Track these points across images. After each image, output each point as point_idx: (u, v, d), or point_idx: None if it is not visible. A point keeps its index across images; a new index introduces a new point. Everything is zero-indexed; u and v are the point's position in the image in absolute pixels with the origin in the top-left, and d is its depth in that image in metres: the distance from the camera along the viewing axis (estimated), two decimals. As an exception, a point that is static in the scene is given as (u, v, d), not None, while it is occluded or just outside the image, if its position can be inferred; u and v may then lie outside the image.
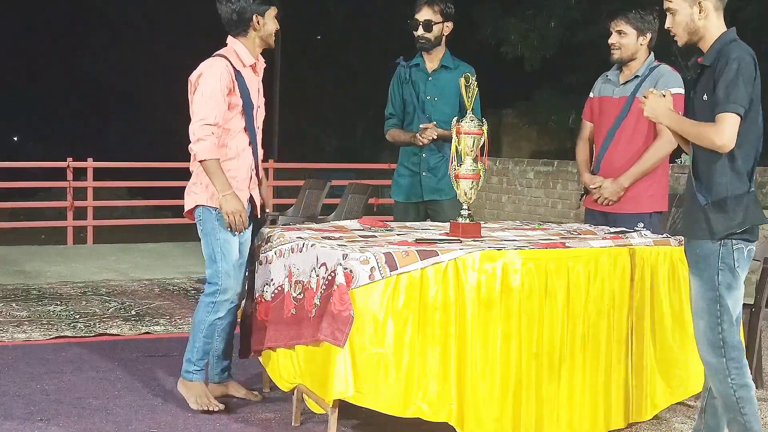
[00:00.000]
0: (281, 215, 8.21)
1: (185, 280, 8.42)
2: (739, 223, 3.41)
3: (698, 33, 3.51)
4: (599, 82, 5.15)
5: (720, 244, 3.43)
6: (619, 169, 4.89)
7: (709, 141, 3.39)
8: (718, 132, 3.36)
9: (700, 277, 3.49)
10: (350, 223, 4.89)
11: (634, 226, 4.69)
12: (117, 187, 16.26)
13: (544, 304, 3.87)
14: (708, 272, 3.46)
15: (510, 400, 3.83)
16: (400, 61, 5.48)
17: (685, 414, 4.50)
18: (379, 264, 3.64)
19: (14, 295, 7.37)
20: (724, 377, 3.46)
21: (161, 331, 6.17)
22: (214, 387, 4.53)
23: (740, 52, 3.39)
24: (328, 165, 18.26)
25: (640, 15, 4.90)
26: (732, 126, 3.35)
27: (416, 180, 5.38)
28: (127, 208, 17.64)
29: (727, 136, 3.35)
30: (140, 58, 25.61)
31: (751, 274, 4.83)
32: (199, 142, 4.20)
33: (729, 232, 3.41)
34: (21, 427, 4.14)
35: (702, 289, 3.48)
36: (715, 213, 3.41)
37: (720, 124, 3.36)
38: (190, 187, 4.42)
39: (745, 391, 3.46)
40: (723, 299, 3.45)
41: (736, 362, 3.46)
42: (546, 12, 14.74)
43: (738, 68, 3.36)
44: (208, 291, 4.40)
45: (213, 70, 4.25)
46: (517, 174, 11.29)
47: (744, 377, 3.47)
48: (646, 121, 4.83)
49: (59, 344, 5.73)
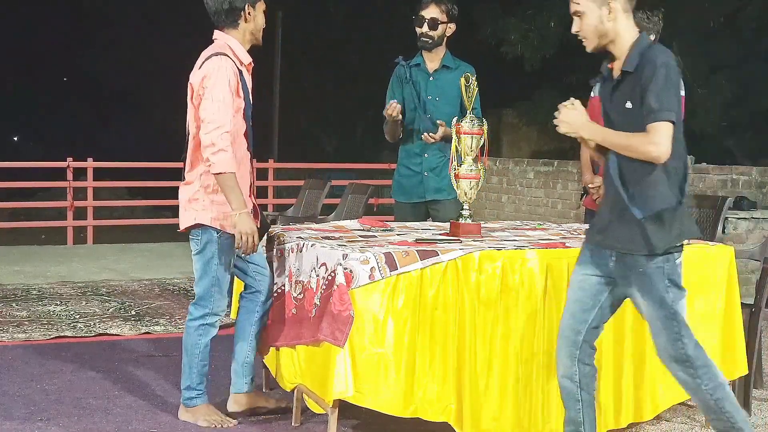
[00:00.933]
0: (281, 215, 8.21)
1: (185, 280, 8.42)
2: (677, 236, 3.26)
3: (608, 36, 3.35)
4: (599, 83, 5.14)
5: (663, 260, 3.26)
6: None
7: (644, 152, 3.19)
8: (653, 142, 3.16)
9: (648, 296, 3.30)
10: (350, 223, 4.90)
11: None
12: (117, 187, 16.27)
13: (544, 304, 3.87)
14: (656, 292, 3.28)
15: (509, 399, 3.83)
16: (400, 61, 5.43)
17: (686, 414, 4.50)
18: (379, 264, 3.64)
19: (14, 295, 7.37)
20: (697, 387, 3.34)
21: (161, 331, 6.16)
22: (241, 398, 4.30)
23: (666, 57, 3.23)
24: (328, 165, 18.26)
25: (647, 16, 4.87)
26: (667, 135, 3.16)
27: (418, 180, 5.36)
28: (127, 208, 17.63)
29: (664, 146, 3.16)
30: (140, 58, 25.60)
31: (751, 274, 4.84)
32: (220, 153, 3.87)
33: (669, 246, 3.25)
34: (21, 427, 4.14)
35: (652, 309, 3.31)
36: (653, 227, 3.22)
37: (654, 134, 3.16)
38: (190, 202, 4.08)
39: (721, 391, 3.32)
40: (677, 315, 3.29)
41: (704, 368, 3.31)
42: (546, 12, 14.73)
43: (667, 74, 3.18)
44: (197, 314, 4.15)
45: (221, 73, 3.94)
46: (517, 174, 11.29)
47: (716, 378, 3.32)
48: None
49: (59, 344, 5.73)
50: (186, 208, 4.09)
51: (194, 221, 4.07)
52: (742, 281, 4.52)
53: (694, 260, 4.22)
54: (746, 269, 6.55)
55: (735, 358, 4.35)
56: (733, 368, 4.36)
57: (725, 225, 7.52)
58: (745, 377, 4.49)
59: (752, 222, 7.70)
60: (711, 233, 4.92)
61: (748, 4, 13.05)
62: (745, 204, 7.74)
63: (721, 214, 4.98)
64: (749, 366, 4.43)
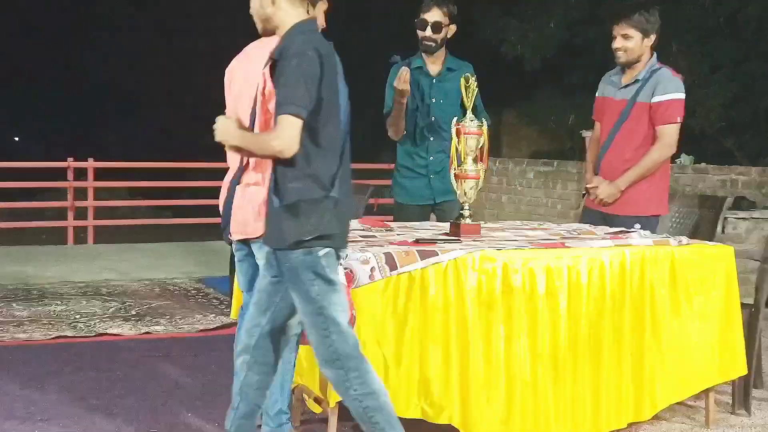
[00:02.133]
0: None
1: (185, 280, 8.42)
2: (311, 230, 3.15)
3: (271, 22, 3.31)
4: (603, 82, 5.16)
5: (304, 253, 3.18)
6: (618, 171, 4.91)
7: (269, 147, 3.10)
8: (277, 137, 3.07)
9: (296, 291, 3.23)
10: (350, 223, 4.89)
11: (631, 227, 4.70)
12: (117, 187, 16.25)
13: (544, 305, 3.88)
14: (301, 286, 3.20)
15: (511, 400, 3.83)
16: (398, 60, 5.35)
17: (685, 414, 4.51)
18: (379, 264, 3.64)
19: (14, 295, 7.37)
20: (346, 390, 3.26)
21: (161, 331, 6.17)
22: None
23: (303, 47, 3.12)
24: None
25: (645, 17, 4.84)
26: (291, 128, 3.06)
27: (424, 183, 5.30)
28: (127, 208, 17.62)
29: (287, 140, 3.06)
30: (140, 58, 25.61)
31: (751, 274, 4.84)
32: None
33: (299, 239, 3.15)
34: (21, 427, 4.15)
35: (301, 304, 3.24)
36: (288, 219, 3.16)
37: (278, 128, 3.07)
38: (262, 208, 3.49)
39: (372, 400, 3.25)
40: (325, 310, 3.21)
41: (354, 371, 3.23)
42: (546, 12, 14.73)
43: (297, 65, 3.08)
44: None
45: None
46: (517, 174, 11.29)
47: (368, 386, 3.24)
48: (645, 125, 4.86)
49: (59, 344, 5.73)
50: (261, 214, 3.51)
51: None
52: (742, 281, 4.52)
53: (693, 260, 4.23)
54: (746, 269, 6.54)
55: (734, 358, 4.36)
56: (733, 368, 4.37)
57: (725, 225, 7.51)
58: (745, 377, 4.49)
59: (752, 222, 7.69)
60: (711, 233, 4.92)
61: (748, 4, 13.04)
62: (744, 204, 7.74)
63: (721, 214, 4.98)
64: (749, 366, 4.43)
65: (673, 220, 5.19)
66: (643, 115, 4.86)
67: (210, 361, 5.37)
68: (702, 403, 4.46)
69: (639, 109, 4.86)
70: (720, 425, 4.38)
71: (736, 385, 4.53)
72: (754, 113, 14.09)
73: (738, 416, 4.51)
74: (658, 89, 4.81)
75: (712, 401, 4.36)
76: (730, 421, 4.44)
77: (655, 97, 4.82)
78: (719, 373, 4.32)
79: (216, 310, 6.92)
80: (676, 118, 4.86)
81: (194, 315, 6.69)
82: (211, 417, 4.30)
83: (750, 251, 4.99)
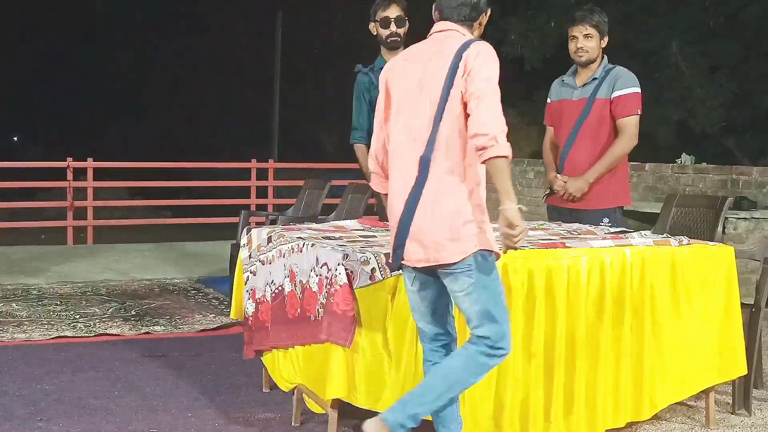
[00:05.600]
0: (281, 215, 8.21)
1: (185, 280, 8.43)
2: None
3: None
4: (556, 87, 5.49)
5: None
6: (582, 167, 5.13)
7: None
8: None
9: None
10: (350, 223, 4.89)
11: (600, 221, 4.97)
12: (117, 187, 16.26)
13: (544, 304, 3.87)
14: None
15: (509, 399, 3.82)
16: (360, 69, 5.49)
17: (685, 414, 4.51)
18: (379, 264, 3.64)
19: (14, 295, 7.37)
20: None
21: (161, 331, 6.17)
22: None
23: None
24: (328, 165, 18.24)
25: (602, 18, 5.17)
26: None
27: None
28: (127, 208, 17.63)
29: None
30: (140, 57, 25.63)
31: (751, 274, 4.84)
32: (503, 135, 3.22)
33: None
34: (21, 427, 4.14)
35: None
36: None
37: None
38: (460, 226, 3.20)
39: None
40: None
41: None
42: (546, 12, 14.74)
43: None
44: (490, 353, 3.24)
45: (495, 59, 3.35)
46: (517, 174, 11.28)
47: None
48: (606, 120, 5.12)
49: (59, 344, 5.73)
50: (456, 239, 3.20)
51: (475, 248, 3.21)
52: (742, 281, 4.52)
53: (694, 260, 4.22)
54: (746, 269, 6.54)
55: (734, 358, 4.35)
56: (733, 368, 4.36)
57: (725, 225, 7.52)
58: (745, 377, 4.49)
59: (752, 222, 7.69)
60: (711, 233, 4.92)
61: (748, 4, 13.05)
62: (745, 204, 7.74)
63: (721, 214, 4.98)
64: (749, 366, 4.43)
65: (673, 220, 5.20)
66: (603, 111, 5.12)
67: (210, 361, 5.37)
68: (702, 403, 4.46)
69: (599, 105, 5.13)
70: (720, 425, 4.37)
71: (736, 385, 4.53)
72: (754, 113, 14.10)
73: (738, 416, 4.51)
74: (618, 84, 5.09)
75: (712, 401, 4.36)
76: (730, 421, 4.44)
77: (615, 92, 5.10)
78: (719, 373, 4.32)
79: (216, 310, 6.93)
80: (636, 111, 5.12)
81: (194, 315, 6.69)
82: (211, 417, 4.29)
83: (750, 251, 4.99)
